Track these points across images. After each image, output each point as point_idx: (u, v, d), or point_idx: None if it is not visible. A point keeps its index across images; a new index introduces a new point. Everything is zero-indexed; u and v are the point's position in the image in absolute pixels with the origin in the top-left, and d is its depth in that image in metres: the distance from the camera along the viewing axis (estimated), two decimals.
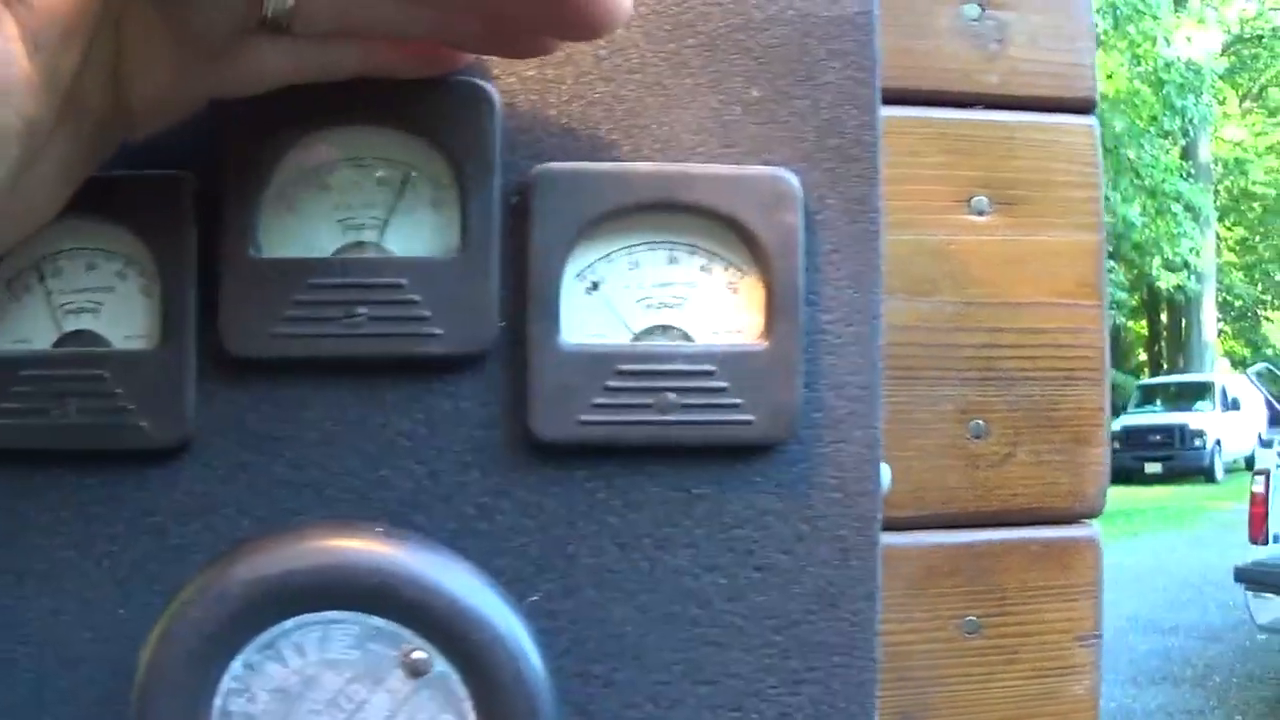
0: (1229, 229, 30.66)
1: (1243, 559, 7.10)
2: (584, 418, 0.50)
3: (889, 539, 0.72)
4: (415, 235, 0.51)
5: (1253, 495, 7.41)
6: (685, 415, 0.51)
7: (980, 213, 0.72)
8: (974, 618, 0.72)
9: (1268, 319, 30.75)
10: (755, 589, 0.52)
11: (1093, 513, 0.75)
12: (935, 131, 0.72)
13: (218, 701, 0.46)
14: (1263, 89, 30.09)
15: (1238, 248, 31.47)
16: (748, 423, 0.51)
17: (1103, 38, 21.68)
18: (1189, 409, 21.35)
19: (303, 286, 0.49)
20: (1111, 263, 22.67)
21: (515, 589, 0.50)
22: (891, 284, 0.71)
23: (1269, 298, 30.80)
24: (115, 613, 0.49)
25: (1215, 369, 25.52)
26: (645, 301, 0.52)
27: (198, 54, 0.44)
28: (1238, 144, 29.74)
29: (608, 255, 0.52)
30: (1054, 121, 0.74)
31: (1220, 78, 25.39)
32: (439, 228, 0.51)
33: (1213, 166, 27.74)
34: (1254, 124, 30.55)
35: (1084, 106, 0.75)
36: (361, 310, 0.50)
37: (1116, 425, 22.08)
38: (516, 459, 0.51)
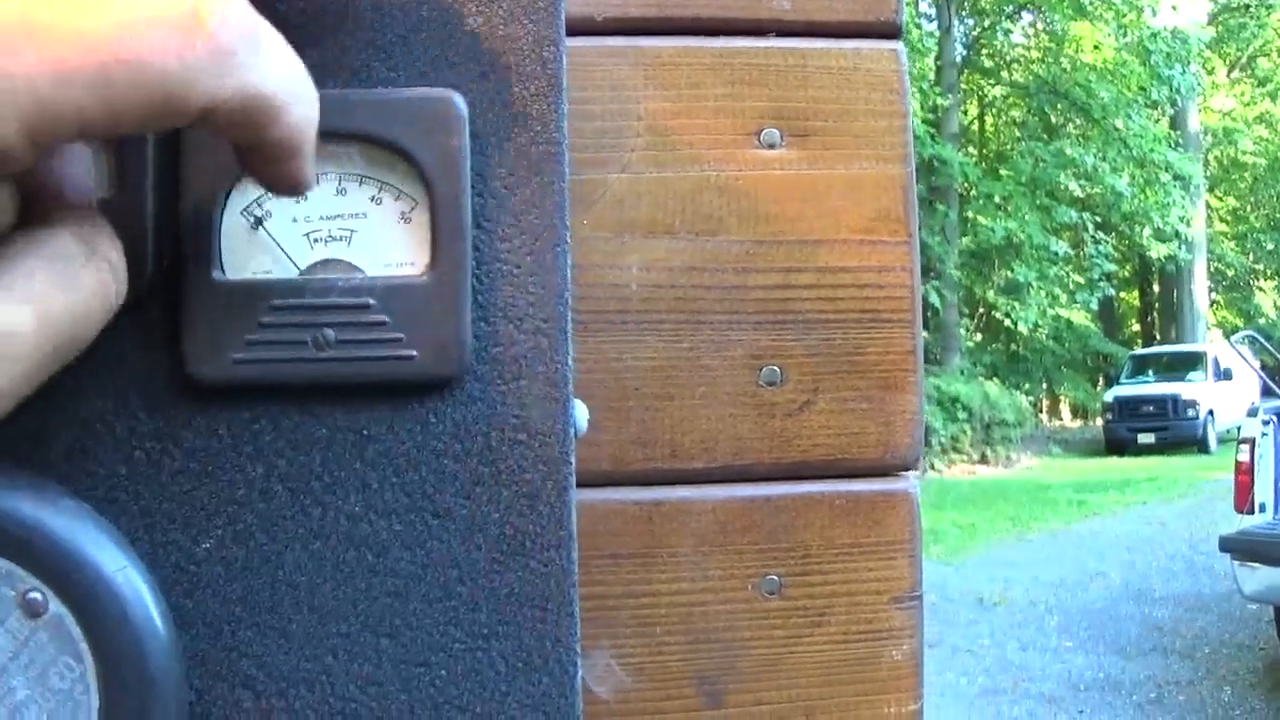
0: (1220, 199, 30.63)
1: (1230, 528, 7.09)
2: (239, 356, 0.47)
3: (678, 492, 0.68)
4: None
5: (1238, 464, 7.39)
6: (343, 351, 0.47)
7: (771, 146, 0.68)
8: (774, 576, 0.67)
9: (1260, 289, 30.70)
10: (434, 536, 0.48)
11: (906, 464, 0.70)
12: (720, 62, 0.67)
13: None
14: (1251, 58, 30.03)
15: (1229, 218, 31.44)
16: (410, 358, 0.47)
17: (1089, 8, 21.65)
18: (1182, 379, 21.39)
19: None
20: (1101, 234, 22.78)
21: (187, 535, 0.47)
22: (674, 223, 0.66)
23: (1261, 267, 30.77)
24: None
25: (1208, 339, 25.50)
26: (313, 235, 0.48)
27: None
28: (1227, 114, 29.69)
29: None
30: (854, 48, 0.69)
31: (1207, 47, 25.31)
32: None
33: (1202, 136, 27.69)
34: (1242, 93, 30.50)
35: (888, 31, 0.70)
36: None
37: (1109, 396, 22.21)
38: (179, 401, 0.48)
